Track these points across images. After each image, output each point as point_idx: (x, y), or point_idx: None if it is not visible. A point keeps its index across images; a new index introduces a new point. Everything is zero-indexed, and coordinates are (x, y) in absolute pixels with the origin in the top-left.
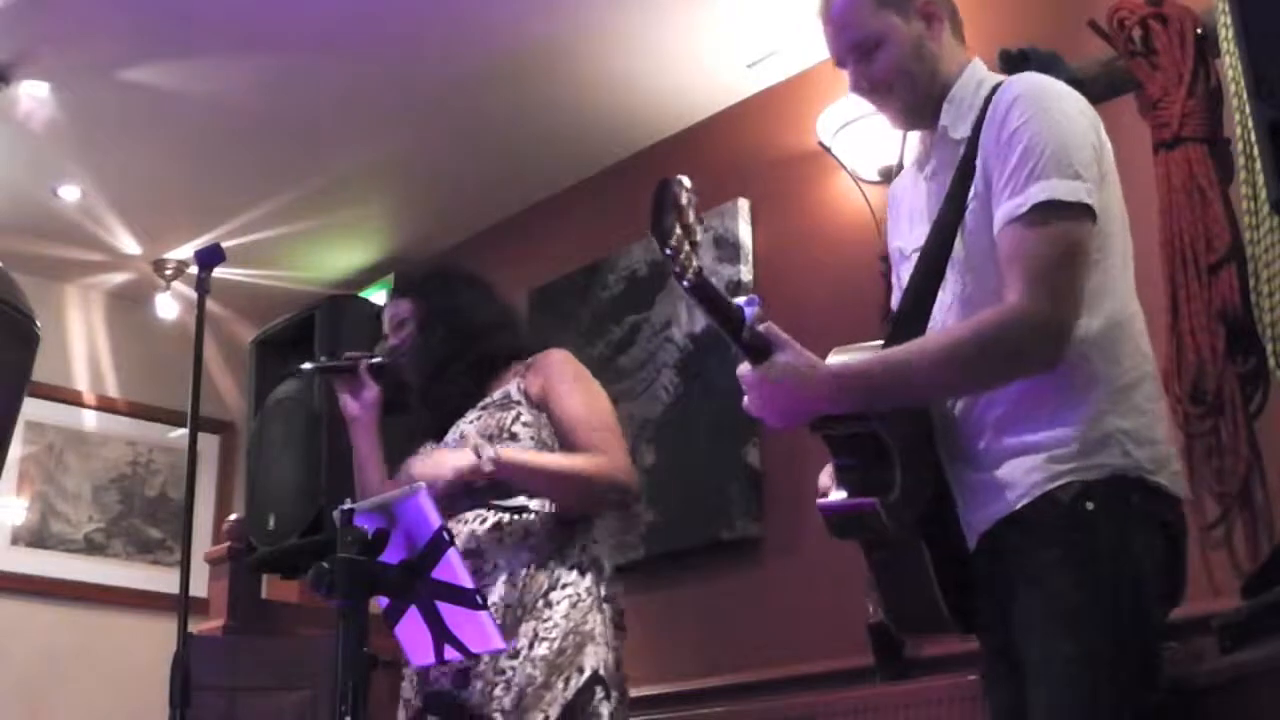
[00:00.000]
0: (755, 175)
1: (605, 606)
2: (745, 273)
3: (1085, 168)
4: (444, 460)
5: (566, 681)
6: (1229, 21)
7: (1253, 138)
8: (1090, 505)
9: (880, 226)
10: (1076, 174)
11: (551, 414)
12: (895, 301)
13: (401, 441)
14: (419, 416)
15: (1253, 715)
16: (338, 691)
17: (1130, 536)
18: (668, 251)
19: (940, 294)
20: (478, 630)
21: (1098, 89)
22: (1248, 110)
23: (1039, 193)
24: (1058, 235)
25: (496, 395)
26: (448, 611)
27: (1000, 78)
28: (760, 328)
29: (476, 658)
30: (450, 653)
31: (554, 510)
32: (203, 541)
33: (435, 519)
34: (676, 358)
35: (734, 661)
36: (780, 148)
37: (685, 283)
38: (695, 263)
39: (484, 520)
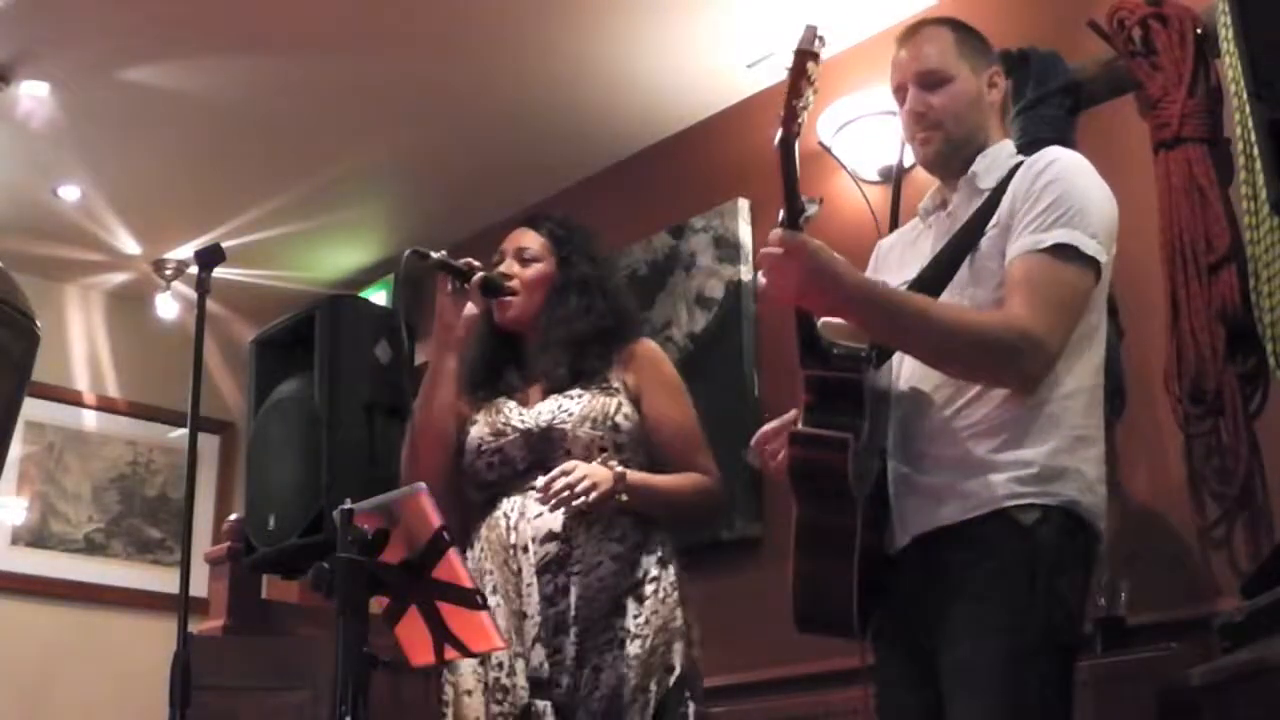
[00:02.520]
0: (755, 175)
1: (688, 598)
2: (745, 273)
3: (1103, 234)
4: (587, 473)
5: (658, 683)
6: (1229, 21)
7: (1253, 138)
8: (1043, 531)
9: (881, 226)
10: (1095, 235)
11: (644, 412)
12: None
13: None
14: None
15: (1253, 715)
16: (338, 691)
17: (1067, 562)
18: (799, 82)
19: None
20: (478, 630)
21: (1098, 89)
22: (1248, 110)
23: (1062, 235)
24: (1069, 276)
25: (593, 378)
26: (448, 611)
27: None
28: (811, 219)
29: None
30: (450, 653)
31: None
32: (203, 541)
33: (435, 518)
34: (676, 358)
35: (734, 661)
36: None
37: (794, 128)
38: (802, 122)
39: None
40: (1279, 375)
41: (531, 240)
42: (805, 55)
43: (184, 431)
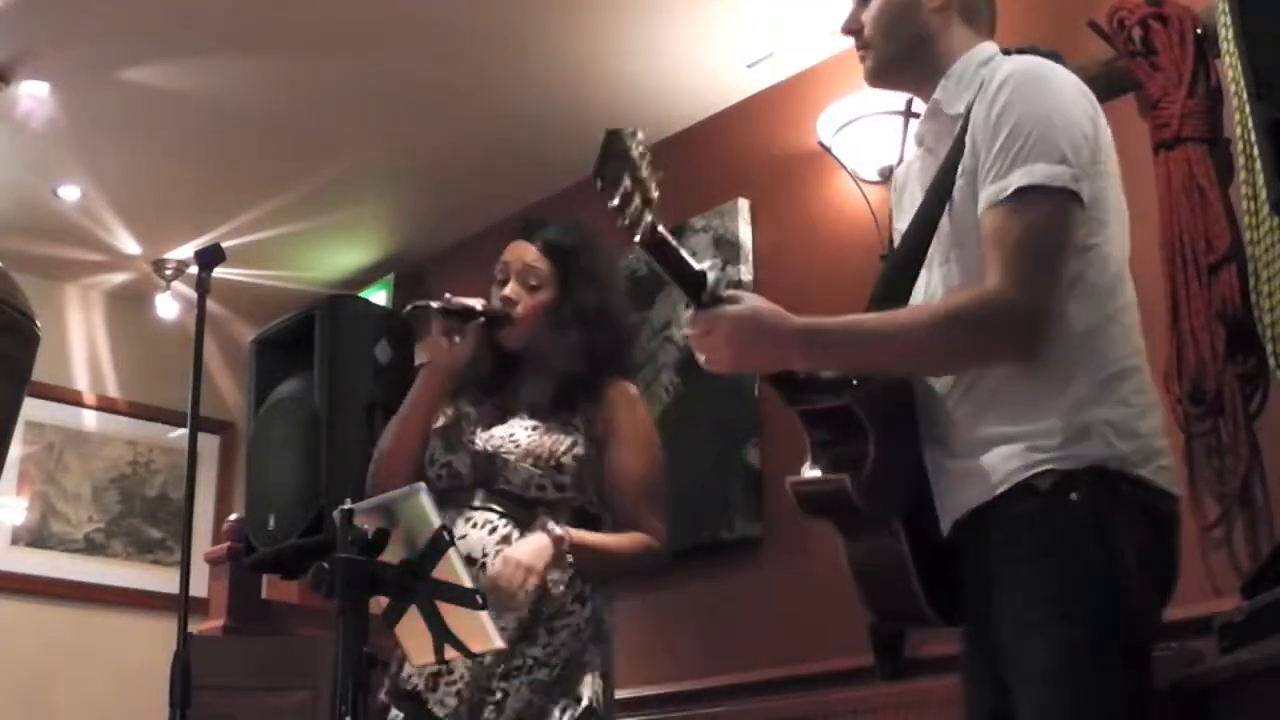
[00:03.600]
0: (755, 175)
1: (603, 636)
2: (745, 272)
3: (1074, 151)
4: (528, 557)
5: (564, 710)
6: (1229, 21)
7: (1253, 138)
8: (1074, 495)
9: (881, 226)
10: (1063, 157)
11: (608, 455)
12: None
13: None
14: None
15: (1253, 715)
16: (337, 691)
17: (1111, 528)
18: (614, 203)
19: (924, 269)
20: (478, 630)
21: (1098, 89)
22: (1248, 110)
23: (1021, 177)
24: (1039, 221)
25: (562, 411)
26: (448, 611)
27: (1002, 56)
28: (725, 292)
29: (449, 665)
30: (451, 653)
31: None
32: (203, 541)
33: (435, 519)
34: (676, 358)
35: (734, 661)
36: (780, 148)
37: (637, 238)
38: (649, 218)
39: (493, 529)
40: (1279, 375)
41: (535, 259)
42: (601, 171)
43: (184, 431)
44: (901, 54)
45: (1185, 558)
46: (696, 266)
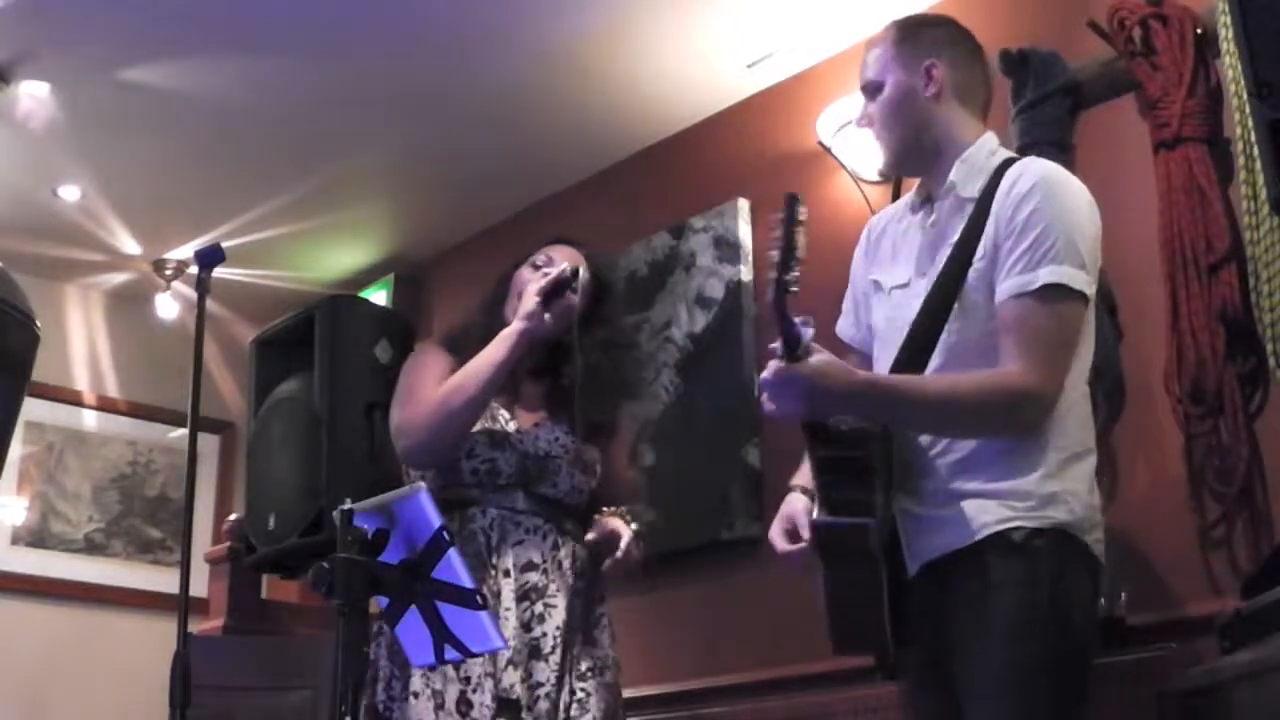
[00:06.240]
0: (755, 175)
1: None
2: (745, 273)
3: (1091, 262)
4: (629, 541)
5: (622, 709)
6: (1229, 21)
7: (1253, 138)
8: (1038, 543)
9: None
10: (1082, 264)
11: (606, 459)
12: (845, 328)
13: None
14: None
15: (1253, 715)
16: (337, 691)
17: (1065, 573)
18: (791, 263)
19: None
20: (478, 630)
21: (1098, 89)
22: (1248, 110)
23: (1049, 275)
24: (1060, 316)
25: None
26: (448, 611)
27: (1010, 153)
28: (807, 343)
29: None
30: (451, 653)
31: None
32: (203, 541)
33: (435, 519)
34: (676, 358)
35: (734, 661)
36: (780, 148)
37: (787, 294)
38: (795, 280)
39: (545, 536)
40: (1279, 375)
41: (579, 261)
42: (788, 233)
43: (184, 431)
44: (908, 142)
45: (1185, 558)
46: (795, 322)
